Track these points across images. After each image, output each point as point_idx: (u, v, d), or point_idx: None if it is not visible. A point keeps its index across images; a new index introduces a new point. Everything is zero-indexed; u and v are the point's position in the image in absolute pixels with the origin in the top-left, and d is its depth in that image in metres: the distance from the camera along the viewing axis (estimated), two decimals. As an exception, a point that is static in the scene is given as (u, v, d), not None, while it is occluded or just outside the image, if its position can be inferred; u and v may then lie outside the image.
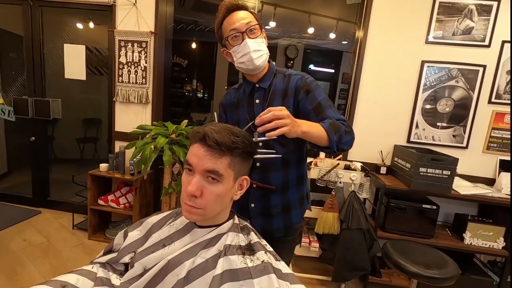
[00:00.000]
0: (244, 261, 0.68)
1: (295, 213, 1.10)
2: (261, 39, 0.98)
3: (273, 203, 1.06)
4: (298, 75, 1.03)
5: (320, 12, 3.28)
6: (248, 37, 0.95)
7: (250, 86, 1.05)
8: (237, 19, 0.95)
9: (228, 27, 0.96)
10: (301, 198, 1.11)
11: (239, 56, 0.97)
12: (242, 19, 0.94)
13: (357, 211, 1.89)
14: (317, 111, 0.97)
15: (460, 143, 2.16)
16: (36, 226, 2.52)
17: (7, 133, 3.25)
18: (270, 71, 1.04)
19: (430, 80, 2.12)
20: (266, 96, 1.03)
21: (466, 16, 2.03)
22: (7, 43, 3.10)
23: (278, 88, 1.02)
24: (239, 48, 0.96)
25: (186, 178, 0.70)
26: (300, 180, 1.09)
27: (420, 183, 1.86)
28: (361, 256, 1.89)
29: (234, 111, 1.09)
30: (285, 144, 0.78)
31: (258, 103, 1.03)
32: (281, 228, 1.08)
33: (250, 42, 0.95)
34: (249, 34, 0.95)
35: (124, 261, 0.80)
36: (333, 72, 5.34)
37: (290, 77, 1.03)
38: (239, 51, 0.96)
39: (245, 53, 0.95)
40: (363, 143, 2.26)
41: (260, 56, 0.97)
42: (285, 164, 1.03)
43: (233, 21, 0.95)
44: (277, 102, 1.01)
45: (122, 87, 2.42)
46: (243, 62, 0.98)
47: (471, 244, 1.94)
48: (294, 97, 1.01)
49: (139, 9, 2.31)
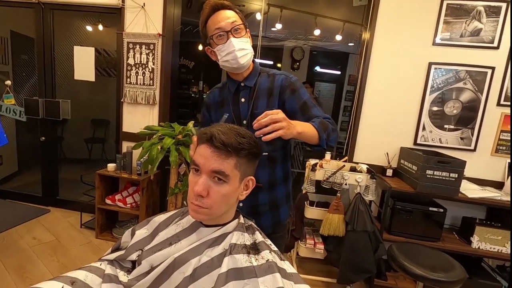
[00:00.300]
0: (249, 260, 0.69)
1: (283, 210, 1.12)
2: (245, 39, 0.99)
3: (261, 201, 1.07)
4: (282, 74, 1.06)
5: (326, 14, 3.28)
6: (233, 36, 0.96)
7: (235, 85, 1.06)
8: (222, 18, 0.96)
9: (213, 26, 0.97)
10: (287, 195, 1.14)
11: (224, 54, 0.98)
12: (227, 18, 0.95)
13: (362, 213, 1.88)
14: (303, 110, 1.00)
15: (468, 146, 2.13)
16: (45, 224, 2.56)
17: (18, 133, 3.33)
18: (254, 70, 1.06)
19: (437, 82, 2.11)
20: (251, 94, 1.04)
21: (474, 18, 2.01)
22: (20, 45, 3.18)
23: (263, 87, 1.04)
24: (223, 47, 0.97)
25: (193, 178, 0.71)
26: (286, 177, 1.12)
27: (427, 186, 1.84)
28: (366, 258, 1.88)
29: (219, 109, 1.10)
30: (271, 142, 0.81)
31: (243, 101, 1.04)
32: (270, 225, 1.09)
33: (235, 41, 0.96)
34: (233, 33, 0.96)
35: (132, 259, 0.81)
36: (339, 74, 5.32)
37: (275, 77, 1.05)
38: (223, 50, 0.97)
39: (230, 51, 0.97)
40: (369, 145, 2.25)
41: (244, 55, 0.98)
42: (271, 162, 1.05)
43: (218, 20, 0.96)
44: (262, 101, 1.03)
45: (130, 89, 2.46)
46: (228, 61, 0.99)
47: (479, 248, 1.91)
48: (279, 96, 1.03)
49: (147, 11, 2.35)
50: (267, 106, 1.02)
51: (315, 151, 1.01)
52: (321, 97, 5.45)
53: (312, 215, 2.09)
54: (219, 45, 0.98)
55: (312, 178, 2.01)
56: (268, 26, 3.45)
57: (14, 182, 3.27)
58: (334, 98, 5.38)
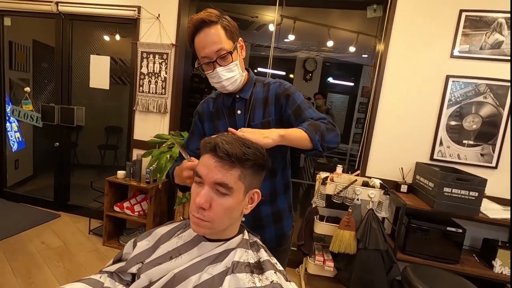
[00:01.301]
0: (252, 280, 0.65)
1: (286, 222, 1.09)
2: (234, 63, 0.94)
3: (264, 214, 1.04)
4: (277, 82, 1.03)
5: (340, 25, 3.27)
6: (218, 65, 0.92)
7: (230, 98, 1.03)
8: (206, 43, 0.89)
9: (199, 51, 0.92)
10: (289, 206, 1.11)
11: (213, 82, 0.97)
12: (212, 44, 0.89)
13: (375, 231, 1.80)
14: (296, 113, 0.96)
15: (489, 163, 2.03)
16: (55, 229, 2.59)
17: (34, 138, 3.42)
18: (249, 81, 1.03)
19: (455, 95, 2.03)
20: (247, 106, 1.01)
21: (495, 30, 1.94)
22: (40, 53, 3.31)
23: (258, 97, 1.01)
24: (212, 74, 0.95)
25: (195, 189, 0.69)
26: (287, 188, 1.09)
27: (445, 204, 1.75)
28: (379, 279, 1.78)
29: (214, 121, 1.07)
30: (273, 154, 0.77)
31: (239, 113, 1.02)
32: (274, 238, 1.06)
33: (221, 71, 0.93)
34: (219, 62, 0.92)
35: (132, 271, 0.79)
36: (353, 86, 5.27)
37: (270, 85, 1.02)
38: (212, 77, 0.96)
39: (217, 81, 0.95)
40: (382, 159, 2.18)
41: (232, 82, 0.96)
42: (272, 173, 1.02)
43: (202, 45, 0.90)
44: (258, 112, 1.00)
45: (142, 97, 2.49)
46: (217, 86, 0.98)
47: (502, 273, 1.78)
48: (275, 104, 1.00)
49: (161, 22, 2.40)
50: (264, 117, 1.00)
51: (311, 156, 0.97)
52: (334, 108, 5.41)
53: (322, 231, 2.01)
54: (207, 72, 0.96)
55: (323, 192, 1.94)
56: (281, 37, 3.46)
57: (28, 186, 3.35)
58: (347, 110, 5.32)
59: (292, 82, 5.19)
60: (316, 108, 4.07)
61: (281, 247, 1.09)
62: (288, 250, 1.15)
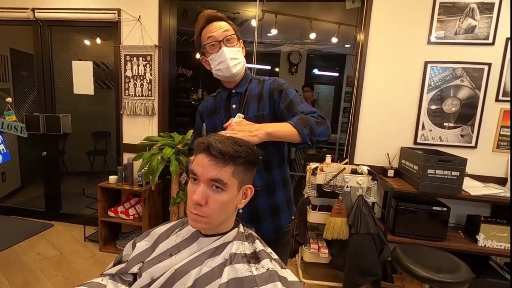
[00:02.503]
0: (249, 269, 0.68)
1: (284, 216, 1.11)
2: (237, 48, 1.03)
3: (260, 207, 1.06)
4: (271, 79, 1.08)
5: (321, 17, 3.30)
6: (225, 46, 0.99)
7: (226, 92, 1.09)
8: (215, 28, 0.99)
9: (206, 36, 1.00)
10: (288, 201, 1.13)
11: (216, 63, 1.01)
12: (220, 28, 0.99)
13: (365, 216, 1.87)
14: (289, 108, 1.00)
15: (469, 143, 2.12)
16: (49, 239, 2.56)
17: (20, 149, 3.35)
18: (245, 78, 1.09)
19: (434, 80, 2.11)
20: (242, 100, 1.06)
21: (467, 15, 2.02)
22: (19, 62, 3.22)
23: (253, 93, 1.06)
24: (216, 56, 1.00)
25: (192, 187, 0.72)
26: (285, 182, 1.12)
27: (429, 185, 1.83)
28: (371, 261, 1.86)
29: (212, 117, 1.13)
30: (263, 146, 0.82)
31: (234, 107, 1.07)
32: (271, 231, 1.08)
33: (227, 50, 0.99)
34: (225, 43, 1.00)
35: (133, 272, 0.81)
36: (338, 76, 5.33)
37: (265, 82, 1.08)
38: (216, 59, 1.01)
39: (222, 60, 1.00)
40: (369, 146, 2.25)
41: (236, 64, 1.01)
42: (266, 166, 1.05)
43: (211, 30, 1.00)
44: (252, 106, 1.05)
45: (129, 100, 2.47)
46: (220, 69, 1.02)
47: (485, 246, 1.89)
48: (269, 100, 1.04)
49: (143, 24, 2.38)
50: (258, 111, 1.04)
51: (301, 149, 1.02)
52: (320, 99, 5.46)
53: (315, 219, 2.08)
54: (212, 54, 1.01)
55: (313, 182, 2.00)
56: (263, 32, 3.47)
57: (17, 197, 3.29)
58: (333, 100, 5.39)
59: (278, 76, 5.22)
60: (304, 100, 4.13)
61: (281, 241, 1.11)
62: (289, 244, 1.17)
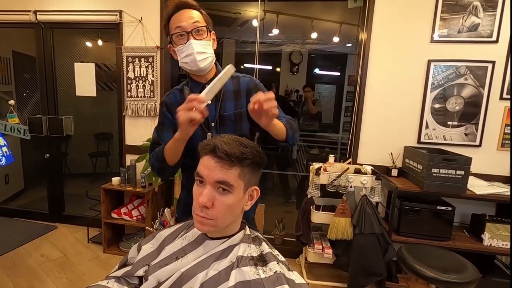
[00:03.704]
0: (256, 272, 0.68)
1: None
2: (207, 41, 0.97)
3: None
4: (246, 77, 1.07)
5: (322, 16, 3.30)
6: (193, 38, 0.94)
7: (199, 87, 1.02)
8: (185, 17, 0.94)
9: (174, 25, 0.95)
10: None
11: (183, 56, 0.96)
12: (190, 19, 0.94)
13: (369, 216, 1.86)
14: None
15: (473, 142, 2.11)
16: (53, 241, 2.57)
17: (23, 151, 3.36)
18: (218, 73, 1.03)
19: (437, 79, 2.10)
20: (217, 96, 1.02)
21: (471, 13, 2.01)
22: (21, 64, 3.23)
23: (229, 89, 1.04)
24: (183, 48, 0.95)
25: (197, 189, 0.71)
26: None
27: (433, 184, 1.82)
28: (376, 261, 1.85)
29: None
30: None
31: (210, 103, 1.00)
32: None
33: (195, 44, 0.94)
34: (194, 35, 0.94)
35: (139, 275, 0.80)
36: (339, 75, 5.32)
37: (239, 79, 1.06)
38: (183, 51, 0.96)
39: (189, 53, 0.95)
40: (372, 146, 2.24)
41: (204, 59, 0.97)
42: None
43: (180, 19, 0.94)
44: (229, 103, 1.03)
45: (131, 102, 2.47)
46: (187, 63, 0.97)
47: (491, 246, 1.88)
48: (247, 98, 1.04)
49: (144, 25, 2.38)
50: (236, 108, 1.03)
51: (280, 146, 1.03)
52: (322, 99, 5.44)
53: (319, 220, 2.07)
54: (179, 45, 0.96)
55: (317, 182, 1.99)
56: (265, 32, 3.47)
57: (20, 200, 3.30)
58: (335, 99, 5.37)
59: (279, 76, 5.21)
60: (305, 100, 4.12)
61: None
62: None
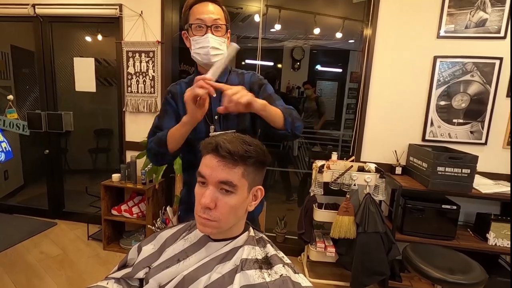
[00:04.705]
0: (261, 275, 0.65)
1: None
2: (223, 39, 0.99)
3: None
4: (250, 72, 1.10)
5: (325, 12, 3.24)
6: (211, 32, 0.96)
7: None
8: (207, 11, 0.95)
9: (196, 15, 0.96)
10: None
11: (197, 47, 0.97)
12: (212, 13, 0.96)
13: (373, 214, 1.84)
14: (268, 101, 0.99)
15: (479, 140, 2.08)
16: (52, 238, 2.55)
17: (22, 147, 3.33)
18: (226, 69, 1.06)
19: (443, 75, 2.05)
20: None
21: (479, 8, 1.96)
22: (20, 59, 3.18)
23: (234, 83, 1.05)
24: (199, 39, 0.96)
25: (200, 190, 0.68)
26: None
27: (439, 183, 1.79)
28: (379, 260, 1.83)
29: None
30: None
31: (215, 97, 1.00)
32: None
33: (212, 38, 0.96)
34: (213, 30, 0.96)
35: (139, 277, 0.78)
36: (341, 72, 5.27)
37: (244, 75, 1.09)
38: (198, 42, 0.97)
39: (204, 46, 0.96)
40: (376, 143, 2.20)
41: (217, 55, 0.97)
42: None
43: (202, 11, 0.95)
44: None
45: (131, 97, 2.44)
46: (199, 54, 0.98)
47: (496, 245, 1.85)
48: (249, 91, 1.00)
49: (145, 19, 2.33)
50: None
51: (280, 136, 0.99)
52: (324, 95, 5.41)
53: (321, 218, 2.04)
54: (195, 36, 0.97)
55: (320, 180, 1.96)
56: (267, 27, 3.42)
57: (20, 196, 3.27)
58: (337, 96, 5.33)
59: (281, 72, 5.16)
60: (306, 97, 4.08)
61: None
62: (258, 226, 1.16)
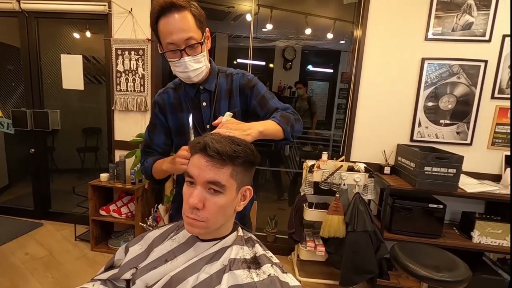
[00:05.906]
0: (250, 275, 0.65)
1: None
2: (202, 54, 0.91)
3: None
4: (239, 73, 1.04)
5: (317, 12, 3.27)
6: (186, 55, 0.88)
7: (194, 89, 1.00)
8: (175, 29, 0.84)
9: (165, 37, 0.86)
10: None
11: (178, 70, 0.92)
12: (181, 32, 0.84)
13: (362, 213, 1.86)
14: (261, 103, 1.00)
15: (464, 140, 2.13)
16: (38, 238, 2.49)
17: (7, 145, 3.24)
18: (213, 72, 1.01)
19: (431, 77, 2.10)
20: (212, 98, 1.01)
21: (465, 11, 2.01)
22: (4, 55, 3.08)
23: (223, 89, 1.02)
24: (177, 63, 0.90)
25: (188, 190, 0.68)
26: None
27: (426, 183, 1.83)
28: (368, 258, 1.85)
29: (176, 114, 1.03)
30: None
31: (205, 106, 1.01)
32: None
33: (189, 61, 0.89)
34: (188, 51, 0.88)
35: (126, 278, 0.77)
36: (332, 72, 5.31)
37: (232, 76, 1.03)
38: (177, 66, 0.91)
39: (183, 71, 0.91)
40: (365, 143, 2.23)
41: (198, 74, 0.94)
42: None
43: (170, 30, 0.84)
44: (223, 103, 1.01)
45: (121, 96, 2.40)
46: (181, 76, 0.95)
47: (480, 243, 1.90)
48: (240, 96, 1.02)
49: (135, 16, 2.30)
50: (229, 108, 1.01)
51: (281, 145, 1.00)
52: (315, 95, 5.44)
53: (312, 217, 2.06)
54: (172, 59, 0.90)
55: (310, 180, 1.98)
56: (258, 26, 3.42)
57: (4, 196, 3.18)
58: (328, 96, 5.38)
59: (272, 71, 5.17)
60: (298, 96, 4.09)
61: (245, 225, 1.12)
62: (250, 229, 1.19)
